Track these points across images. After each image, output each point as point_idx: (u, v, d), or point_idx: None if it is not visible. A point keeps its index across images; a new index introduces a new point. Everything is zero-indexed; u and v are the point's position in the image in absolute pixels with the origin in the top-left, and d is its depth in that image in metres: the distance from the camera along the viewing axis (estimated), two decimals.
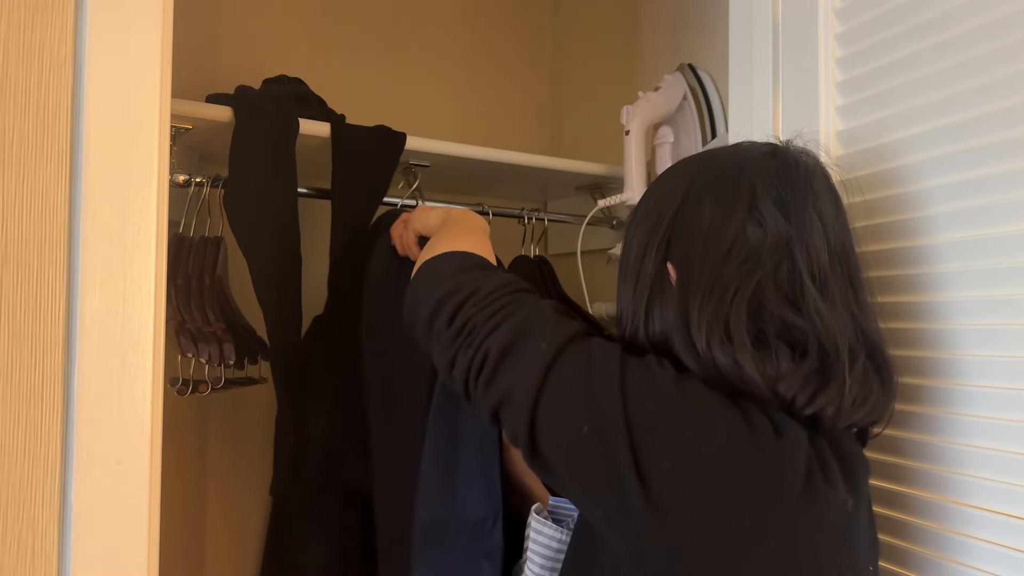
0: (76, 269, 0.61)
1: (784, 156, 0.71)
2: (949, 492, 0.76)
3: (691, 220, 0.69)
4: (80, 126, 0.61)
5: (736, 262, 0.65)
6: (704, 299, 0.65)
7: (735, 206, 0.67)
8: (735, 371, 0.62)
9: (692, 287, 0.66)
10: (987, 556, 0.72)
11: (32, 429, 0.59)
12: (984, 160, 0.75)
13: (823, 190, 0.70)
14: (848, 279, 0.68)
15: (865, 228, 0.87)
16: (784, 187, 0.68)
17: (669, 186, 0.74)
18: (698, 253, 0.67)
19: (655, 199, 0.74)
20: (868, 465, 0.68)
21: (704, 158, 0.75)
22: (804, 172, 0.70)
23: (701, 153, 0.77)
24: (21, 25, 0.59)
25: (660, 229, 0.70)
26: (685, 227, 0.69)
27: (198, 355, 1.03)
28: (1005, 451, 0.72)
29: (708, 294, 0.65)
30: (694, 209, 0.69)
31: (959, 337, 0.77)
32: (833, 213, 0.69)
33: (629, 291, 0.72)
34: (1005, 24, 0.73)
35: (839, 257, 0.68)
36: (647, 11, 1.43)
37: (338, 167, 1.08)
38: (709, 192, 0.69)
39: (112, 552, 0.61)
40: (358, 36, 1.51)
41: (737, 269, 0.65)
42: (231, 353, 1.04)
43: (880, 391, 0.66)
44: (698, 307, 0.65)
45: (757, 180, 0.68)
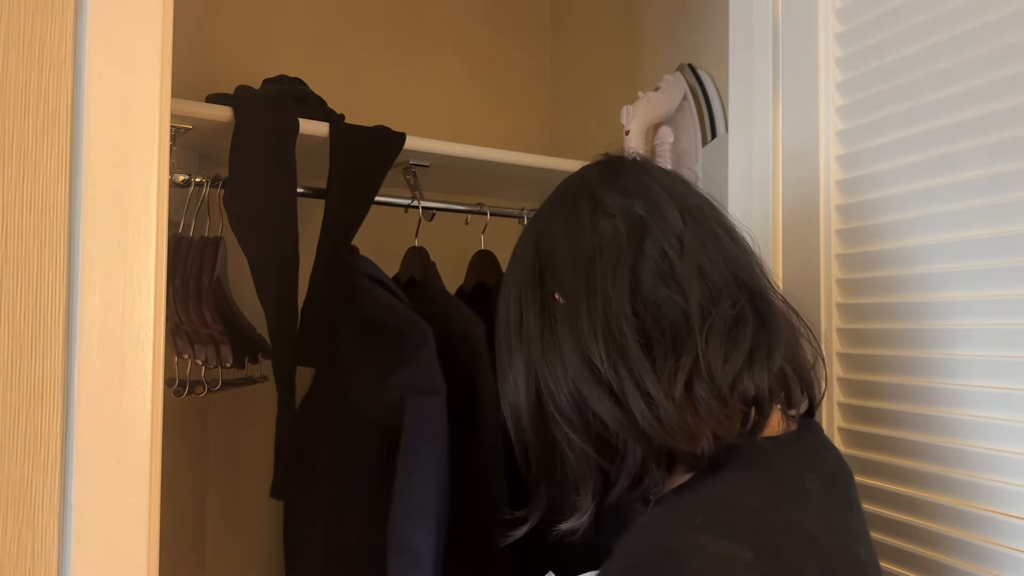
0: (76, 269, 0.60)
1: (613, 157, 0.72)
2: (947, 492, 0.76)
3: (552, 246, 0.66)
4: (80, 126, 0.61)
5: (602, 259, 0.62)
6: (591, 310, 0.61)
7: (580, 211, 0.66)
8: (637, 388, 0.58)
9: (576, 301, 0.62)
10: (990, 557, 0.72)
11: (32, 429, 0.59)
12: (984, 160, 0.75)
13: (659, 171, 0.69)
14: (711, 233, 0.64)
15: (865, 228, 0.87)
16: (619, 176, 0.67)
17: (523, 242, 0.71)
18: (568, 268, 0.64)
19: (514, 262, 0.71)
20: (850, 472, 0.65)
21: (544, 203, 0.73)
22: (634, 162, 0.70)
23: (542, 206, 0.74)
24: (21, 25, 0.59)
25: (529, 275, 0.67)
26: (550, 256, 0.66)
27: (195, 357, 1.03)
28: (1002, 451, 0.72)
29: (593, 303, 0.61)
30: (551, 237, 0.67)
31: (956, 337, 0.77)
32: (678, 183, 0.68)
33: (516, 358, 0.66)
34: (1004, 24, 0.73)
35: (694, 216, 0.65)
36: (647, 11, 1.43)
37: (335, 167, 1.08)
38: (555, 216, 0.68)
39: (112, 552, 0.61)
40: (358, 36, 1.51)
41: (605, 266, 0.62)
42: (228, 355, 1.04)
43: (763, 335, 0.61)
44: (588, 321, 0.60)
45: (592, 181, 0.68)
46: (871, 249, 0.86)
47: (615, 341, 0.59)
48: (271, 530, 1.36)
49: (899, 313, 0.82)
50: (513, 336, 0.67)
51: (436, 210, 1.23)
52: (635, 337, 0.59)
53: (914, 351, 0.81)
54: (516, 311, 0.67)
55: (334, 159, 1.08)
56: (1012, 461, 0.71)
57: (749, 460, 0.58)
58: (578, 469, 0.64)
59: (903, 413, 0.81)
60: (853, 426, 0.87)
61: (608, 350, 0.59)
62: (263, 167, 1.02)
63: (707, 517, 0.51)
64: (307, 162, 1.06)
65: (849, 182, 0.89)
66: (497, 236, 1.33)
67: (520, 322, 0.66)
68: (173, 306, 1.04)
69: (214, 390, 1.09)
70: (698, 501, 0.55)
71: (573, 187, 0.70)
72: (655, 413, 0.57)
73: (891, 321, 0.83)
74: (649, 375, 0.58)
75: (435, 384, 0.95)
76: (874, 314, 0.86)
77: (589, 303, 0.61)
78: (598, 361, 0.59)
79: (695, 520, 0.51)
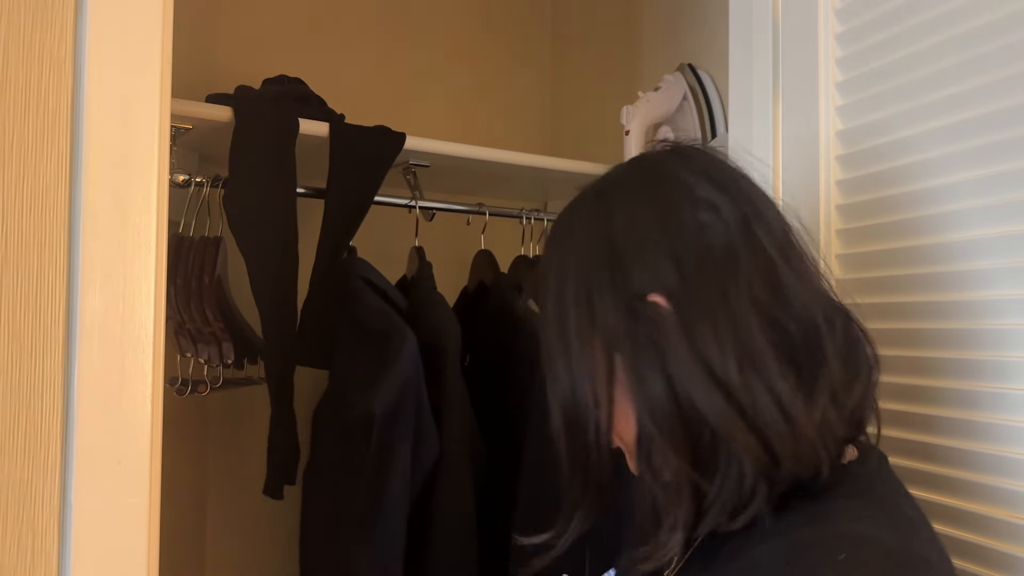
0: (76, 269, 0.61)
1: (683, 148, 0.64)
2: (947, 492, 0.76)
3: (639, 240, 0.57)
4: (80, 126, 0.61)
5: (716, 262, 0.55)
6: (712, 318, 0.53)
7: (674, 202, 0.57)
8: (775, 403, 0.51)
9: (692, 308, 0.54)
10: (990, 557, 0.72)
11: (32, 429, 0.59)
12: (985, 160, 0.75)
13: (735, 165, 0.62)
14: (805, 245, 0.60)
15: (866, 228, 0.87)
16: (709, 167, 0.60)
17: (578, 230, 0.60)
18: (672, 269, 0.55)
19: (569, 250, 0.60)
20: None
21: (600, 188, 0.63)
22: (712, 153, 0.63)
23: (589, 189, 0.64)
24: (21, 25, 0.59)
25: (600, 270, 0.57)
26: (637, 251, 0.57)
27: (197, 355, 1.04)
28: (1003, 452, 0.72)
29: (713, 310, 0.53)
30: (633, 229, 0.57)
31: (955, 337, 0.77)
32: (753, 181, 0.62)
33: (585, 360, 0.57)
34: (1005, 24, 0.73)
35: (787, 224, 0.60)
36: (647, 11, 1.42)
37: (335, 166, 1.08)
38: (638, 206, 0.58)
39: (112, 552, 0.61)
40: (358, 36, 1.51)
41: (722, 269, 0.55)
42: (230, 353, 1.04)
43: (866, 361, 0.57)
44: (711, 330, 0.53)
45: (674, 168, 0.60)
46: (871, 249, 0.86)
47: (749, 353, 0.53)
48: (271, 530, 1.36)
49: (900, 313, 0.82)
50: (575, 337, 0.58)
51: (436, 210, 1.23)
52: (772, 351, 0.53)
53: (914, 351, 0.81)
54: (585, 312, 0.58)
55: (334, 159, 1.08)
56: (1012, 461, 0.71)
57: (850, 487, 0.55)
58: (666, 494, 0.55)
59: (903, 413, 0.81)
60: None
61: (740, 363, 0.52)
62: (263, 167, 1.02)
63: (849, 555, 0.48)
64: (307, 162, 1.06)
65: (849, 182, 0.89)
66: (497, 236, 1.33)
67: (591, 323, 0.57)
68: (175, 305, 1.04)
69: (216, 388, 1.09)
70: (829, 536, 0.50)
71: (651, 174, 0.60)
72: (793, 433, 0.52)
73: (892, 321, 0.83)
74: (790, 393, 0.52)
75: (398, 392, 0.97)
76: (875, 314, 0.86)
77: (709, 310, 0.54)
78: (723, 373, 0.52)
79: (839, 558, 0.48)
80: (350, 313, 1.08)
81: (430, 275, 1.17)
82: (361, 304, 1.06)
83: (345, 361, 1.09)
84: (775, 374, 0.52)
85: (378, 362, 1.01)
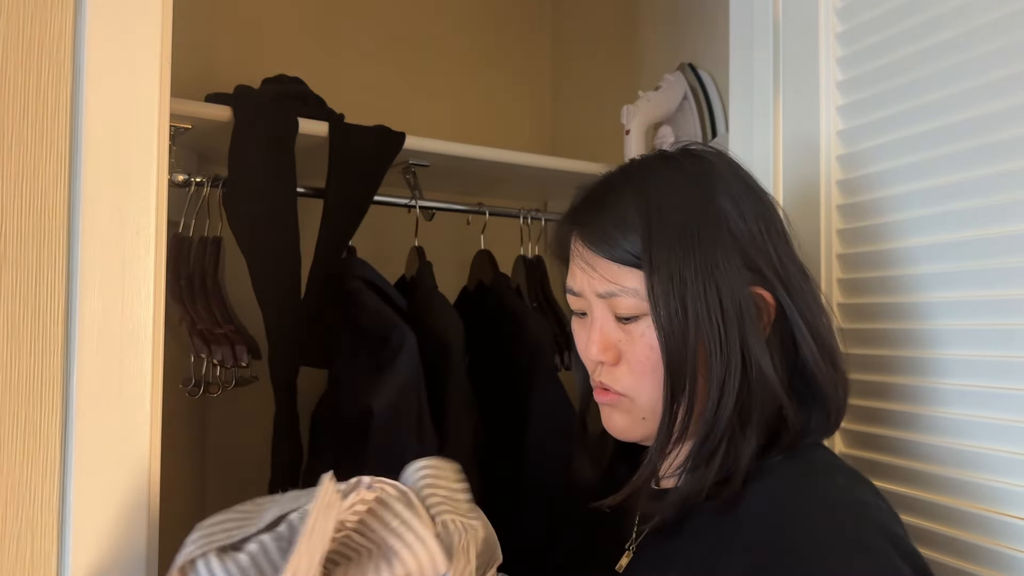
0: (75, 269, 0.60)
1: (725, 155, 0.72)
2: (946, 492, 0.76)
3: (749, 236, 0.65)
4: (79, 125, 0.61)
5: (799, 269, 0.68)
6: (816, 315, 0.67)
7: (772, 209, 0.69)
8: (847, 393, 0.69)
9: (800, 307, 0.66)
10: (990, 557, 0.72)
11: (32, 429, 0.59)
12: (985, 160, 0.75)
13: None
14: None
15: (866, 228, 0.87)
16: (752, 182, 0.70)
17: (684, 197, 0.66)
18: (777, 268, 0.66)
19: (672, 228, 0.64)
20: None
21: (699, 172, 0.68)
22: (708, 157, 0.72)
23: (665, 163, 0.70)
24: (20, 24, 0.59)
25: (715, 254, 0.63)
26: (749, 245, 0.65)
27: (211, 356, 1.03)
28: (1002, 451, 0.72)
29: (818, 312, 0.68)
30: (744, 224, 0.66)
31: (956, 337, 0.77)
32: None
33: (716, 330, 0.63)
34: (1005, 24, 0.73)
35: None
36: (647, 11, 1.42)
37: (334, 166, 1.08)
38: (736, 199, 0.66)
39: (112, 552, 0.61)
40: (358, 35, 1.51)
41: (803, 277, 0.68)
42: (243, 354, 1.04)
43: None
44: (822, 328, 0.67)
45: (738, 172, 0.70)
46: (872, 249, 0.86)
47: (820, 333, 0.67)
48: None
49: (900, 313, 0.82)
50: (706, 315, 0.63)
51: (436, 210, 1.23)
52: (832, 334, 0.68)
53: (915, 351, 0.81)
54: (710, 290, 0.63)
55: (333, 158, 1.07)
56: (1012, 461, 0.71)
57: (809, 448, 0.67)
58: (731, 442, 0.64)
59: (903, 413, 0.81)
60: (853, 426, 0.87)
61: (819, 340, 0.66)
62: (263, 167, 1.01)
63: (845, 477, 0.63)
64: (307, 162, 1.06)
65: (850, 182, 0.89)
66: (497, 236, 1.33)
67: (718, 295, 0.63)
68: (184, 305, 1.04)
69: (228, 389, 1.09)
70: (818, 465, 0.64)
71: (743, 177, 0.69)
72: (844, 388, 0.67)
73: (892, 321, 0.83)
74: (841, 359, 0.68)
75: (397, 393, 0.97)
76: (875, 314, 0.86)
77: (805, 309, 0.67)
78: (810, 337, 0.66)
79: (838, 478, 0.62)
80: (348, 314, 1.08)
81: (431, 275, 1.17)
82: (360, 305, 1.06)
83: (344, 362, 1.09)
84: (837, 348, 0.69)
85: (377, 363, 1.00)
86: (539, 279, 1.37)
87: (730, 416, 0.63)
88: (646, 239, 0.63)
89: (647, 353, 0.65)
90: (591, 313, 0.69)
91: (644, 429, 0.68)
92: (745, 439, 0.63)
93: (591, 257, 0.67)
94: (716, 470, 0.63)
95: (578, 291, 0.69)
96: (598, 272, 0.66)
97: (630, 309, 0.65)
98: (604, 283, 0.66)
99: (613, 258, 0.65)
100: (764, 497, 0.61)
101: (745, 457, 0.62)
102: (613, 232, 0.65)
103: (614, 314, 0.67)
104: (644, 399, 0.67)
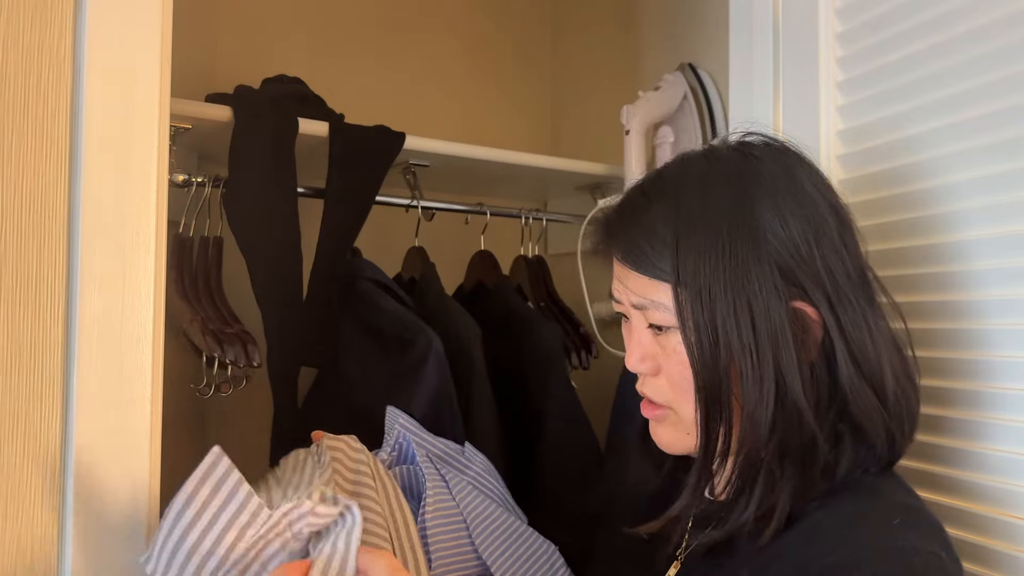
0: (75, 269, 0.60)
1: (805, 159, 0.67)
2: (946, 492, 0.76)
3: (791, 246, 0.60)
4: (79, 125, 0.61)
5: (856, 280, 0.62)
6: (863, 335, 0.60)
7: (823, 218, 0.62)
8: (913, 420, 0.62)
9: (846, 325, 0.60)
10: (990, 557, 0.72)
11: (32, 429, 0.59)
12: (985, 160, 0.75)
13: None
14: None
15: (866, 228, 0.87)
16: (823, 186, 0.65)
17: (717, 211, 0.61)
18: (824, 281, 0.60)
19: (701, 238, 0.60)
20: None
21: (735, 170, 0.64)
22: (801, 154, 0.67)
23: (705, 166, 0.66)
24: (20, 23, 0.59)
25: (748, 268, 0.59)
26: (791, 256, 0.60)
27: (224, 356, 1.03)
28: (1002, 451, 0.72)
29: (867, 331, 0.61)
30: (786, 232, 0.60)
31: (957, 337, 0.77)
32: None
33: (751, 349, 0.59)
34: (1004, 24, 0.73)
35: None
36: (647, 11, 1.42)
37: (334, 166, 1.07)
38: (779, 205, 0.61)
39: (112, 553, 0.61)
40: (358, 35, 1.51)
41: (860, 289, 0.62)
42: (255, 353, 1.03)
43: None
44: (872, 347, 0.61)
45: (808, 186, 0.63)
46: (872, 249, 0.86)
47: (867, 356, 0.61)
48: None
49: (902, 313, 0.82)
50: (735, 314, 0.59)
51: (436, 210, 1.23)
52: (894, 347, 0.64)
53: (916, 352, 0.81)
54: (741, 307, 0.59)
55: (334, 158, 1.07)
56: (1012, 461, 0.71)
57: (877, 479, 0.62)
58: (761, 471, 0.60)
59: None
60: None
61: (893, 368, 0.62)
62: (263, 167, 1.01)
63: (903, 521, 0.55)
64: (307, 162, 1.06)
65: (850, 182, 0.89)
66: (497, 236, 1.33)
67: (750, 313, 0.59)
68: (193, 304, 1.04)
69: (239, 388, 1.09)
70: (878, 506, 0.57)
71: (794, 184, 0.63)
72: (897, 419, 0.61)
73: (892, 321, 0.83)
74: (915, 385, 0.64)
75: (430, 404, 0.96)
76: None
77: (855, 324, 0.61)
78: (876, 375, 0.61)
79: (893, 522, 0.55)
80: (357, 315, 1.07)
81: (437, 277, 1.17)
82: (372, 305, 1.05)
83: (355, 363, 1.08)
84: (909, 372, 0.64)
85: (398, 367, 0.99)
86: (542, 279, 1.36)
87: (766, 445, 0.58)
88: (673, 252, 0.60)
89: (680, 369, 0.62)
90: (631, 321, 0.67)
91: (690, 442, 0.64)
92: (784, 473, 0.58)
93: (621, 270, 0.65)
94: (758, 501, 0.59)
95: (616, 299, 0.68)
96: (630, 286, 0.64)
97: (662, 321, 0.63)
98: (636, 296, 0.64)
99: (643, 271, 0.62)
100: (806, 539, 0.57)
101: (783, 492, 0.58)
102: (643, 244, 0.62)
103: (649, 324, 0.65)
104: (685, 413, 0.64)
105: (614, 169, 1.29)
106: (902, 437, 0.62)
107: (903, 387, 0.62)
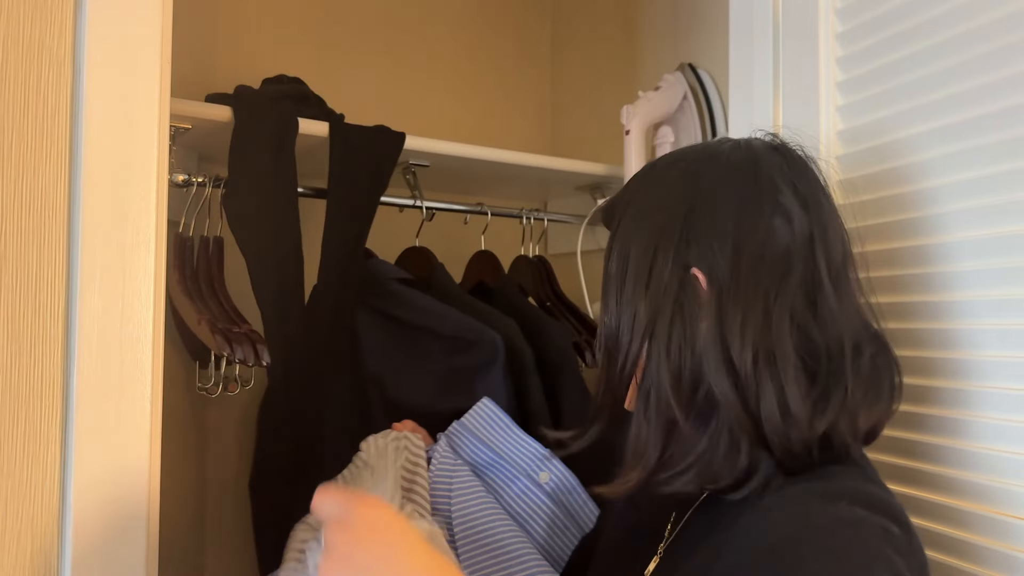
0: (75, 269, 0.60)
1: (786, 149, 0.68)
2: (946, 492, 0.76)
3: (713, 221, 0.63)
4: (79, 125, 0.61)
5: (770, 266, 0.61)
6: (746, 312, 0.59)
7: (760, 203, 0.62)
8: (777, 400, 0.57)
9: (730, 297, 0.60)
10: (990, 557, 0.72)
11: (32, 429, 0.59)
12: (985, 160, 0.75)
13: (824, 185, 0.67)
14: (856, 274, 0.66)
15: (866, 228, 0.87)
16: (798, 178, 0.65)
17: (670, 184, 0.67)
18: (729, 258, 0.61)
19: (655, 198, 0.67)
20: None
21: (704, 155, 0.68)
22: (808, 163, 0.67)
23: (693, 150, 0.70)
24: (20, 23, 0.59)
25: (673, 230, 0.63)
26: (706, 229, 0.63)
27: (233, 355, 1.03)
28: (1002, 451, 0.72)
29: (750, 306, 0.59)
30: (713, 209, 0.63)
31: (957, 337, 0.77)
32: (834, 205, 0.67)
33: (633, 302, 0.64)
34: (1005, 24, 0.73)
35: (850, 251, 0.65)
36: (647, 11, 1.42)
37: (335, 166, 1.07)
38: (726, 190, 0.64)
39: (111, 553, 0.61)
40: (358, 35, 1.51)
41: (772, 274, 0.60)
42: (264, 353, 1.03)
43: (889, 391, 0.63)
44: (740, 321, 0.59)
45: (772, 170, 0.64)
46: (872, 249, 0.86)
47: (770, 351, 0.59)
48: None
49: (900, 313, 0.82)
50: (632, 281, 0.64)
51: (436, 210, 1.23)
52: (794, 357, 0.59)
53: (915, 351, 0.81)
54: (645, 260, 0.64)
55: (334, 159, 1.07)
56: (1012, 461, 0.71)
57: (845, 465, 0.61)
58: (648, 435, 0.63)
59: (903, 412, 0.81)
60: None
61: (756, 357, 0.59)
62: (263, 167, 1.01)
63: (851, 499, 0.54)
64: (307, 162, 1.06)
65: (850, 182, 0.89)
66: (497, 236, 1.33)
67: (648, 274, 0.63)
68: (198, 304, 1.04)
69: (247, 388, 1.09)
70: (827, 488, 0.57)
71: (750, 166, 0.65)
72: (788, 431, 0.58)
73: (892, 321, 0.83)
74: (798, 397, 0.58)
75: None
76: None
77: (746, 304, 0.60)
78: (739, 361, 0.59)
79: (841, 501, 0.54)
80: (392, 313, 1.07)
81: (451, 278, 1.17)
82: (408, 304, 1.05)
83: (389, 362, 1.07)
84: (790, 377, 0.58)
85: (452, 364, 0.99)
86: (546, 278, 1.36)
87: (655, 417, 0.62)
88: (623, 211, 0.69)
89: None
90: None
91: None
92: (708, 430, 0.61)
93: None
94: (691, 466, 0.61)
95: None
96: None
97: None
98: None
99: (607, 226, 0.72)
100: (755, 523, 0.57)
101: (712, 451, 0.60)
102: (614, 205, 0.72)
103: None
104: None
105: (614, 169, 1.29)
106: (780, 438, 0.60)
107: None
